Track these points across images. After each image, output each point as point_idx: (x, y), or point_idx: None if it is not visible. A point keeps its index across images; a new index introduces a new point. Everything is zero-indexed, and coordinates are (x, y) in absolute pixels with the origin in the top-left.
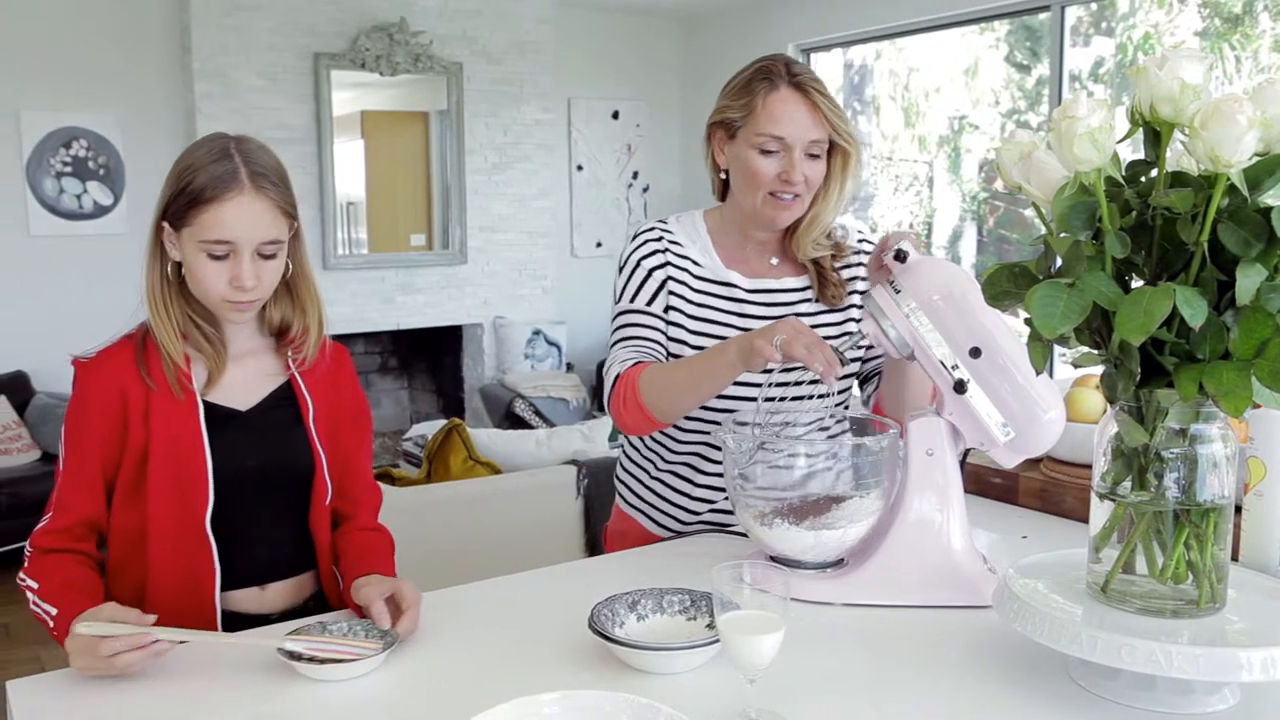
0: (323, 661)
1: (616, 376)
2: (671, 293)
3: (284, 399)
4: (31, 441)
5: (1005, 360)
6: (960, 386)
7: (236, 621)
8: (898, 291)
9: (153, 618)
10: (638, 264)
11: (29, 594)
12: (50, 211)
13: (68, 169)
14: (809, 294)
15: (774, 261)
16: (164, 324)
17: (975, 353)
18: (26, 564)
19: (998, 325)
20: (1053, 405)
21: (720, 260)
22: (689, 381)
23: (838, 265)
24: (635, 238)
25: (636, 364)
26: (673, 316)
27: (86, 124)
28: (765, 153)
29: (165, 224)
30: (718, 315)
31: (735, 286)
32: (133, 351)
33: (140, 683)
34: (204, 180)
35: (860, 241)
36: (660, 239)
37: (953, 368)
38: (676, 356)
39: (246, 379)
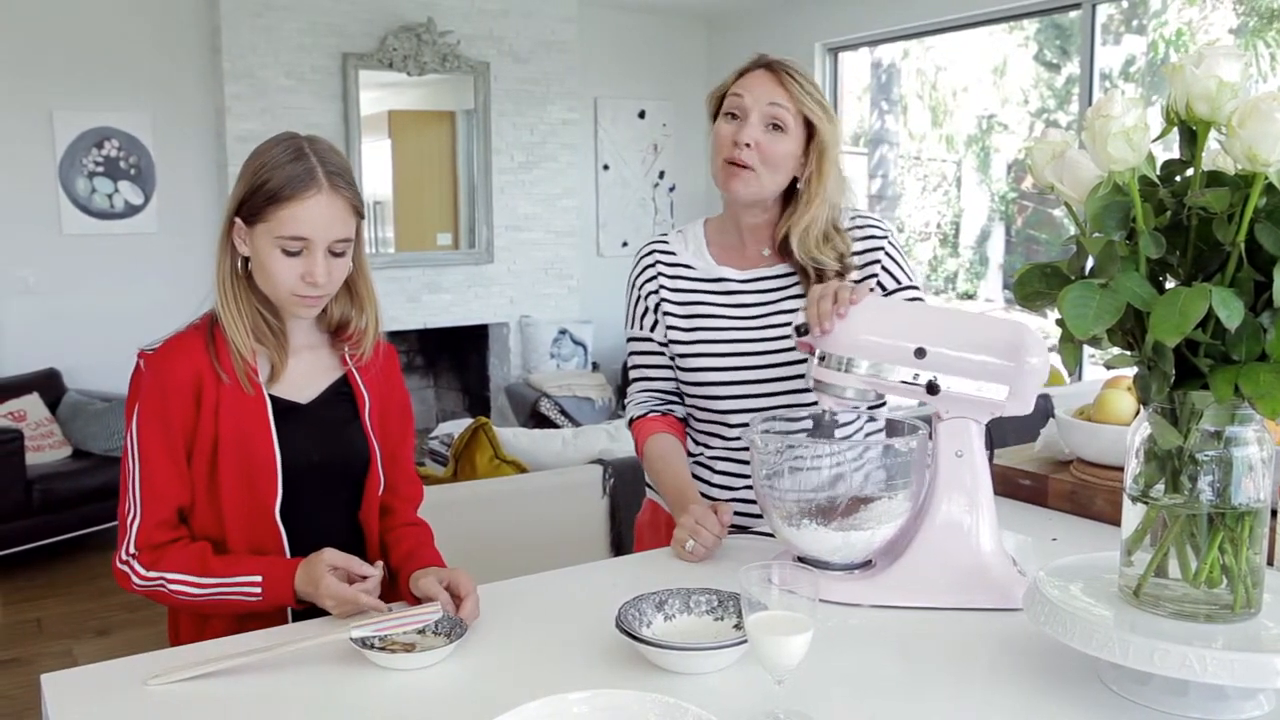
0: (393, 646)
1: (632, 420)
2: (665, 311)
3: (340, 394)
4: (63, 438)
5: (948, 342)
6: (932, 388)
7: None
8: (823, 358)
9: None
10: (634, 288)
11: (188, 590)
12: (82, 211)
13: (99, 169)
14: (798, 277)
15: (765, 252)
16: (234, 318)
17: (920, 353)
18: (143, 569)
19: (918, 317)
20: (1018, 349)
21: (713, 260)
22: (660, 488)
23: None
24: (635, 258)
25: (647, 416)
26: (669, 321)
27: (118, 124)
28: (729, 116)
29: (237, 220)
30: (709, 310)
31: (727, 280)
32: (203, 342)
33: (204, 679)
34: (282, 179)
35: (854, 218)
36: (651, 254)
37: (914, 378)
38: (683, 356)
39: (305, 373)
